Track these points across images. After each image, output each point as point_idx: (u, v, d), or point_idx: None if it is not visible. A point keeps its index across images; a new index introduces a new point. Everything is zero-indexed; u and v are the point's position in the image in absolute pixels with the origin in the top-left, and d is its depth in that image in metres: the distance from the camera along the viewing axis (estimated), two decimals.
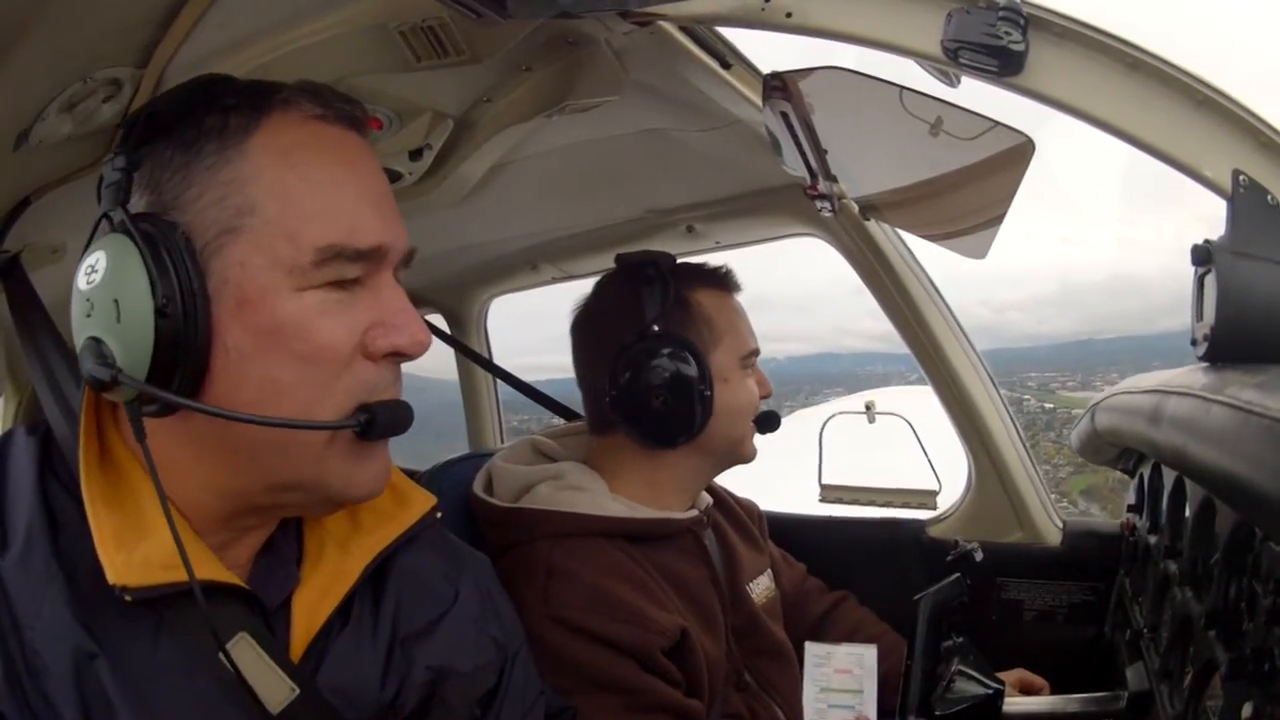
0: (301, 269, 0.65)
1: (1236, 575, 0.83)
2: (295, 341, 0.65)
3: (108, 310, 0.62)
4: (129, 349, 0.62)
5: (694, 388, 1.20)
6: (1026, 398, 12.22)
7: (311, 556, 0.77)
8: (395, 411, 0.70)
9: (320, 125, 0.69)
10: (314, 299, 0.66)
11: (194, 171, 0.65)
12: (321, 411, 0.67)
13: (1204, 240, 0.86)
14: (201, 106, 0.67)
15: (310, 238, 0.65)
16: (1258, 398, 0.69)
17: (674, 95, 1.21)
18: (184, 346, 0.63)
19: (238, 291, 0.65)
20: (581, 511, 1.16)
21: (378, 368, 0.69)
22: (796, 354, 7.70)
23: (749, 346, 1.28)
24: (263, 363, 0.65)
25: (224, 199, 0.65)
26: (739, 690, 1.25)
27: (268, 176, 0.66)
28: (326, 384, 0.67)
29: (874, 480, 1.86)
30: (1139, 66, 0.83)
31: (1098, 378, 12.28)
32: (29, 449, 0.69)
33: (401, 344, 0.69)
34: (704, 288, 1.27)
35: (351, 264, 0.67)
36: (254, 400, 0.65)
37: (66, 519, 0.66)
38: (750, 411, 1.28)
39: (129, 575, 0.63)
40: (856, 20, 0.86)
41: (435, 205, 1.43)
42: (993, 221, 1.17)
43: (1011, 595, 1.61)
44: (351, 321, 0.67)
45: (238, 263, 0.65)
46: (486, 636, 0.86)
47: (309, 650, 0.73)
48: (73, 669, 0.62)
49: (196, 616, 0.66)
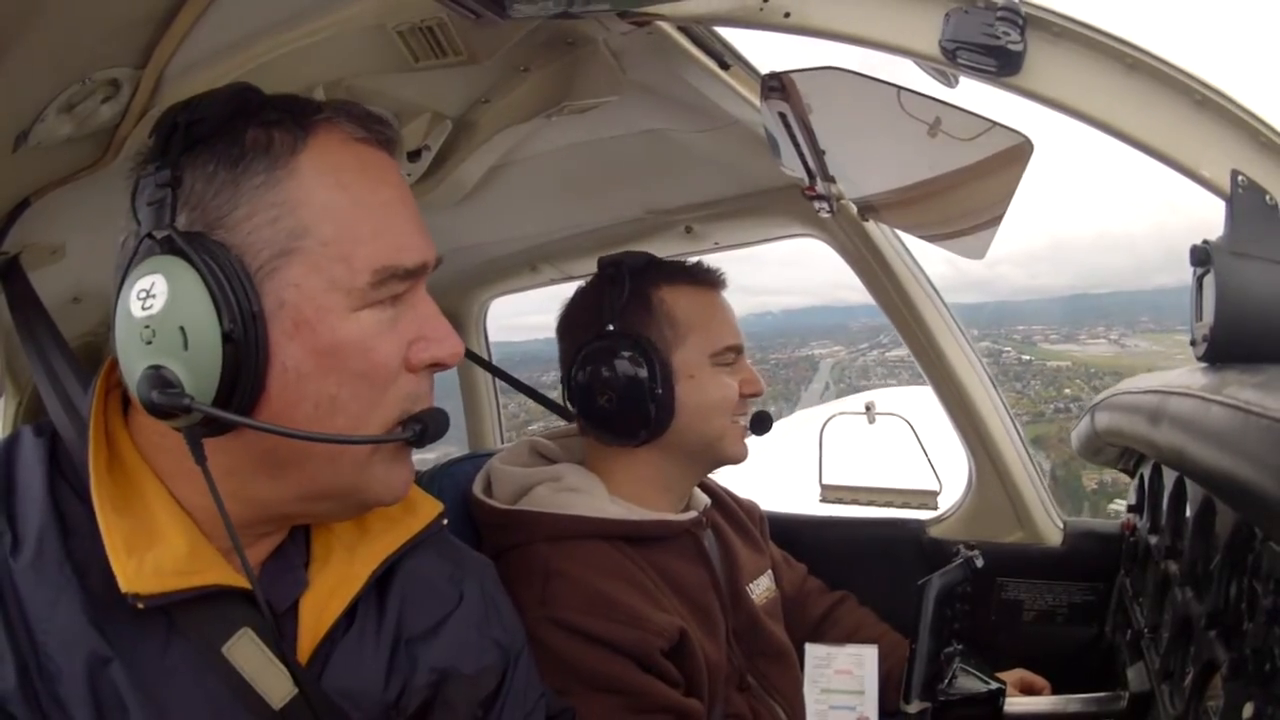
0: (359, 290, 0.67)
1: (1237, 575, 0.83)
2: (354, 360, 0.67)
3: (172, 337, 0.62)
4: (197, 375, 0.63)
5: (643, 386, 1.18)
6: (1007, 349, 12.31)
7: (319, 560, 0.77)
8: (439, 419, 0.73)
9: (363, 147, 0.71)
10: (370, 318, 0.68)
11: (242, 189, 0.65)
12: (372, 422, 0.69)
13: (1203, 241, 0.86)
14: (241, 119, 0.67)
15: (366, 260, 0.67)
16: (1257, 398, 0.69)
17: (672, 96, 1.21)
18: (246, 369, 0.64)
19: (295, 313, 0.66)
20: (580, 513, 1.16)
21: (418, 379, 0.72)
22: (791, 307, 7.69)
23: (722, 343, 1.24)
24: (320, 381, 0.67)
25: (277, 220, 0.66)
26: (741, 691, 1.25)
27: (319, 198, 0.67)
28: (378, 398, 0.69)
29: (874, 480, 1.86)
30: (1138, 66, 0.83)
31: (1084, 331, 12.38)
32: (37, 451, 0.69)
33: (442, 355, 0.73)
34: (671, 285, 1.25)
35: (401, 282, 0.70)
36: (309, 416, 0.67)
37: (76, 522, 0.66)
38: (724, 409, 1.24)
39: (140, 583, 0.63)
40: (854, 20, 0.86)
41: (434, 206, 1.43)
42: (991, 222, 1.17)
43: (1012, 595, 1.61)
44: (399, 337, 0.70)
45: (293, 285, 0.66)
46: (489, 639, 0.86)
47: (315, 652, 0.74)
48: (87, 673, 0.62)
49: (206, 619, 0.67)
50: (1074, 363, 12.37)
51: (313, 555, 0.78)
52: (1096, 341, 12.20)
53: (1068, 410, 11.74)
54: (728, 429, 1.25)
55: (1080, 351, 12.40)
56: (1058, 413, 11.64)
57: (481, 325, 2.31)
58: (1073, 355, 12.46)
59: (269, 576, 0.75)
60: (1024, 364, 12.13)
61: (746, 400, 1.27)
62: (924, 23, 0.83)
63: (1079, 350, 12.47)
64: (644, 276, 1.24)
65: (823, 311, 9.51)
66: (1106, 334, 11.80)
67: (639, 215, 1.71)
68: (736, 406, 1.25)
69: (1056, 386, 11.98)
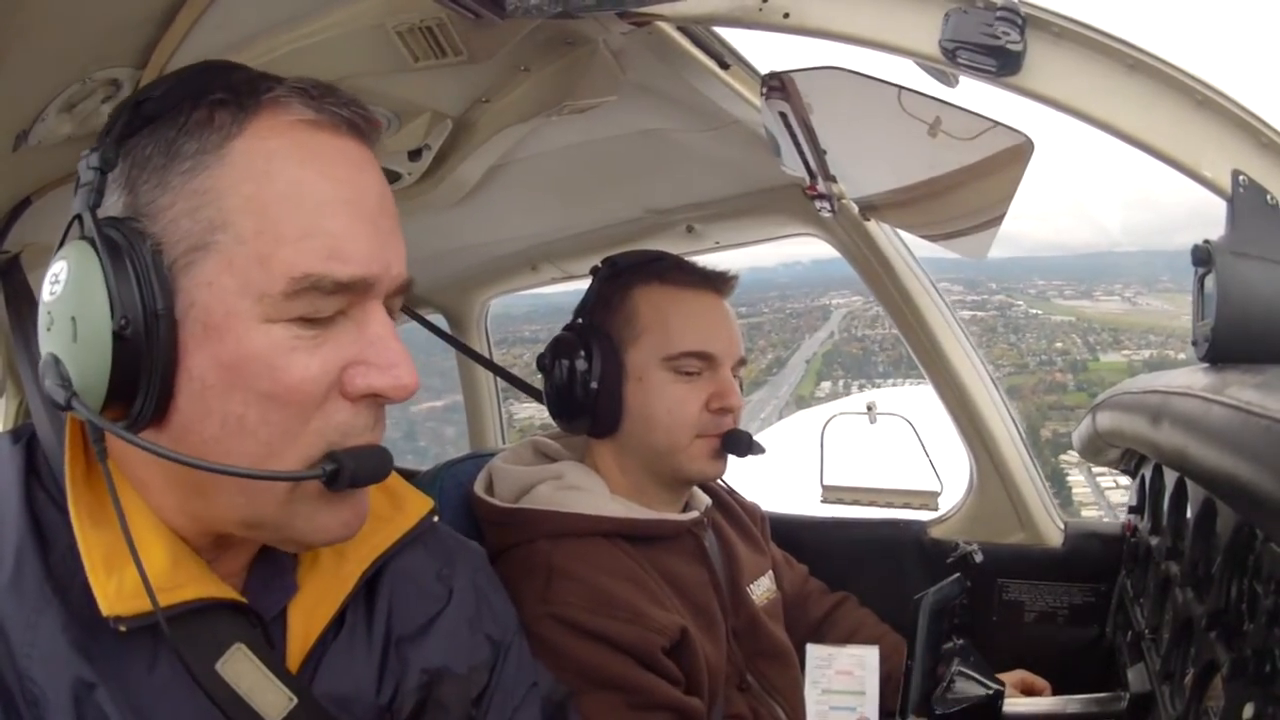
0: (271, 299, 0.59)
1: (1238, 576, 0.83)
2: (259, 379, 0.59)
3: (65, 327, 0.58)
4: (85, 371, 0.58)
5: (578, 378, 1.18)
6: (1019, 303, 12.43)
7: (306, 563, 0.75)
8: (366, 460, 0.63)
9: (311, 131, 0.62)
10: (282, 333, 0.60)
11: (169, 175, 0.59)
12: (286, 454, 0.61)
13: (1204, 241, 0.86)
14: (189, 100, 0.61)
15: (284, 265, 0.59)
16: (1258, 398, 0.69)
17: (672, 95, 1.21)
18: (145, 371, 0.58)
19: (204, 315, 0.59)
20: (582, 511, 1.16)
21: (354, 408, 0.63)
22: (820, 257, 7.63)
23: (680, 347, 1.17)
24: (225, 397, 0.59)
25: (196, 210, 0.59)
26: (741, 691, 1.24)
27: (245, 189, 0.59)
28: (293, 426, 0.61)
29: (875, 481, 1.86)
30: (1138, 66, 0.83)
31: (1099, 289, 12.48)
32: (14, 460, 0.66)
33: (380, 386, 0.62)
34: (646, 283, 1.21)
35: (328, 298, 0.60)
36: (216, 436, 0.60)
37: (55, 534, 0.63)
38: (677, 422, 1.16)
39: (121, 605, 0.60)
40: (854, 20, 0.85)
41: (434, 205, 1.43)
42: (992, 222, 1.16)
43: (1012, 596, 1.61)
44: (326, 359, 0.61)
45: (206, 283, 0.59)
46: (480, 634, 0.85)
47: (306, 659, 0.72)
48: (72, 699, 0.60)
49: (194, 633, 0.64)
50: (1079, 318, 12.44)
51: (300, 558, 0.74)
52: (1110, 299, 12.24)
53: (1052, 363, 11.89)
54: (682, 445, 1.18)
55: (1091, 308, 12.47)
56: (1040, 365, 11.80)
57: (482, 325, 2.32)
58: (1081, 311, 12.53)
59: (256, 582, 0.72)
60: (1029, 318, 12.23)
61: (718, 415, 1.19)
62: (924, 23, 0.83)
63: (1090, 306, 12.53)
64: (630, 274, 1.25)
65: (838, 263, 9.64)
66: (1122, 292, 11.84)
67: (639, 215, 1.71)
68: (697, 421, 1.18)
69: (1049, 340, 12.11)
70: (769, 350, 12.62)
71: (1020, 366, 11.81)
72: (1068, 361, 11.97)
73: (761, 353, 12.34)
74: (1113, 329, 12.20)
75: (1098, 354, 11.96)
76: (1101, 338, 12.20)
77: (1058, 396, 11.22)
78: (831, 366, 12.68)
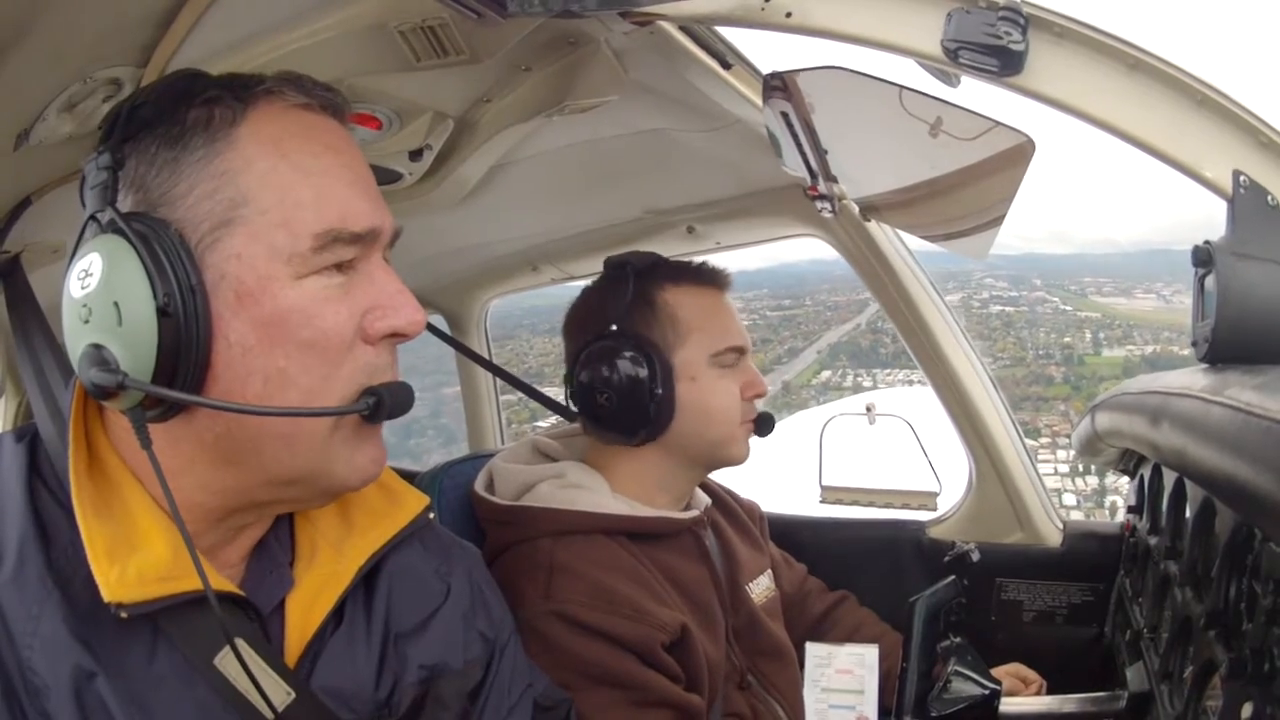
0: (301, 256, 0.66)
1: (1236, 576, 0.83)
2: (299, 329, 0.65)
3: (107, 314, 0.62)
4: (133, 352, 0.61)
5: (643, 386, 1.18)
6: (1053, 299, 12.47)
7: (304, 557, 0.76)
8: (400, 392, 0.70)
9: (305, 113, 0.70)
10: (314, 285, 0.66)
11: (182, 166, 0.65)
12: (327, 398, 0.67)
13: (1204, 241, 0.86)
14: (184, 101, 0.67)
15: (307, 224, 0.66)
16: (1258, 399, 0.69)
17: (674, 95, 1.21)
18: (187, 345, 0.62)
19: (237, 284, 0.64)
20: (583, 509, 1.16)
21: (377, 350, 0.70)
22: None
23: (724, 344, 1.23)
24: (267, 354, 0.65)
25: (216, 192, 0.65)
26: (741, 689, 1.25)
27: (259, 166, 0.66)
28: (331, 370, 0.67)
29: (874, 481, 1.86)
30: (1139, 66, 0.83)
31: (1140, 286, 12.54)
32: (17, 457, 0.68)
33: (399, 325, 0.70)
34: (676, 285, 1.24)
35: (348, 246, 0.68)
36: (260, 393, 0.65)
37: (57, 530, 0.65)
38: (727, 413, 1.23)
39: (123, 592, 0.62)
40: (856, 20, 0.85)
41: (435, 205, 1.43)
42: (993, 223, 1.16)
43: (1011, 596, 1.61)
44: (351, 306, 0.68)
45: (234, 255, 0.64)
46: (475, 631, 0.86)
47: (304, 653, 0.73)
48: (73, 688, 0.61)
49: (192, 625, 0.66)
50: (1104, 315, 12.46)
51: (297, 553, 0.76)
52: (1147, 296, 12.27)
53: (1049, 356, 11.95)
54: (731, 433, 1.24)
55: (1125, 305, 12.50)
56: (1038, 358, 11.90)
57: (483, 325, 2.31)
58: (1113, 308, 12.56)
59: (254, 575, 0.73)
60: (1057, 313, 12.28)
61: (751, 402, 1.26)
62: (926, 23, 0.83)
63: (1124, 303, 12.56)
64: (649, 276, 1.24)
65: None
66: (1162, 290, 11.87)
67: (640, 215, 1.71)
68: (741, 409, 1.25)
69: (1060, 334, 12.19)
70: (789, 341, 12.60)
71: (1018, 359, 11.89)
72: (1066, 356, 12.03)
73: (781, 343, 12.36)
74: (1130, 325, 12.26)
75: (1101, 349, 12.02)
76: (1114, 332, 12.25)
77: (1041, 388, 11.34)
78: (836, 356, 12.68)
